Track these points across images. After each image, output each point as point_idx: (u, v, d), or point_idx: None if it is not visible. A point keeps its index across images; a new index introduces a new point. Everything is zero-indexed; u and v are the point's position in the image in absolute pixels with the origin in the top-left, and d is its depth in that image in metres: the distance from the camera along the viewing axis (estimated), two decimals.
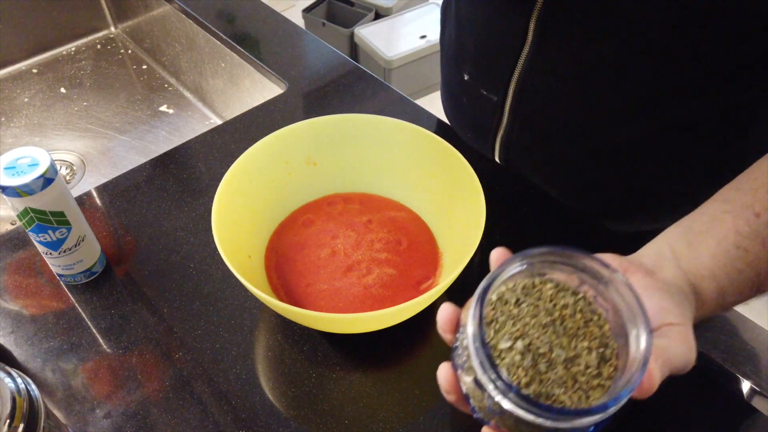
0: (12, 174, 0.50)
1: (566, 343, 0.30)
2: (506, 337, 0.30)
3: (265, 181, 0.61)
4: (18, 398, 0.39)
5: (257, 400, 0.52)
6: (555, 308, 0.31)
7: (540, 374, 0.30)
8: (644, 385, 0.30)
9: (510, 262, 0.31)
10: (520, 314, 0.31)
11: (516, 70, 0.60)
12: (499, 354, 0.30)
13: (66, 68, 1.13)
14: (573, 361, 0.30)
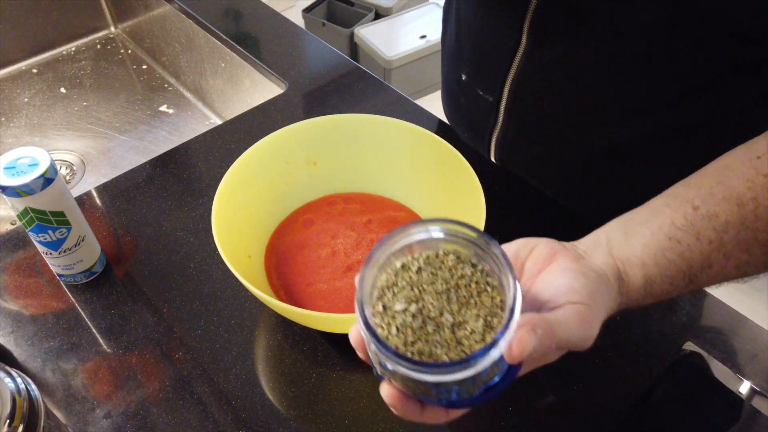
0: (12, 174, 0.50)
1: (456, 309, 0.33)
2: (402, 300, 0.33)
3: (265, 181, 0.61)
4: (18, 398, 0.39)
5: (257, 400, 0.52)
6: (452, 278, 0.34)
7: (427, 335, 0.32)
8: (512, 348, 0.31)
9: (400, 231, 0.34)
10: (419, 281, 0.34)
11: (511, 71, 0.60)
12: (393, 315, 0.33)
13: (66, 68, 1.13)
14: (460, 326, 0.32)
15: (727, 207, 0.41)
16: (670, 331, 0.56)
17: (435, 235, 0.34)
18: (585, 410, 0.52)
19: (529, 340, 0.32)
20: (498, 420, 0.51)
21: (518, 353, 0.32)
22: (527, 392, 0.53)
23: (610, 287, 0.39)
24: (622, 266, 0.40)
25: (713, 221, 0.41)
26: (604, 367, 0.54)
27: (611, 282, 0.39)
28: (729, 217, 0.40)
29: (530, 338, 0.32)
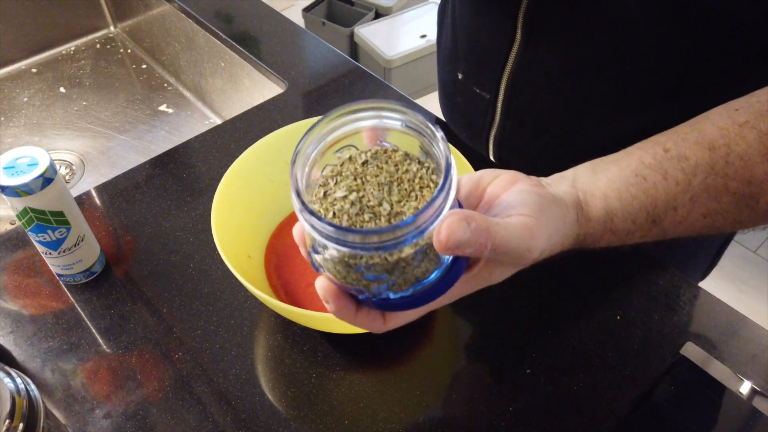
0: (11, 174, 0.50)
1: (396, 200, 0.32)
2: (344, 188, 0.33)
3: (265, 180, 0.61)
4: (17, 398, 0.39)
5: (257, 401, 0.52)
6: (397, 172, 0.33)
7: (362, 222, 0.32)
8: (440, 232, 0.30)
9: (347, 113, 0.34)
10: (363, 172, 0.34)
11: (506, 68, 0.60)
12: (332, 201, 0.33)
13: (65, 68, 1.13)
14: (396, 216, 0.32)
15: (698, 150, 0.40)
16: (670, 331, 0.56)
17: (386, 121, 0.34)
18: (585, 410, 0.52)
19: (458, 227, 0.30)
20: (498, 420, 0.51)
21: (444, 237, 0.30)
22: (527, 392, 0.53)
23: (566, 211, 0.38)
24: (582, 196, 0.40)
25: (682, 162, 0.40)
26: (604, 367, 0.54)
27: (568, 208, 0.38)
28: (699, 161, 0.40)
29: (460, 225, 0.31)
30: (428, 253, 0.32)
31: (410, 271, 0.32)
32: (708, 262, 0.78)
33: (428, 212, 0.29)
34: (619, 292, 0.60)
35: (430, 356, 0.56)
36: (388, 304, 0.34)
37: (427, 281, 0.33)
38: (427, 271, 0.32)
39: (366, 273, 0.31)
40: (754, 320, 0.57)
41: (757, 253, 1.75)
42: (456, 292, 0.36)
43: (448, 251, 0.31)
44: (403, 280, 0.32)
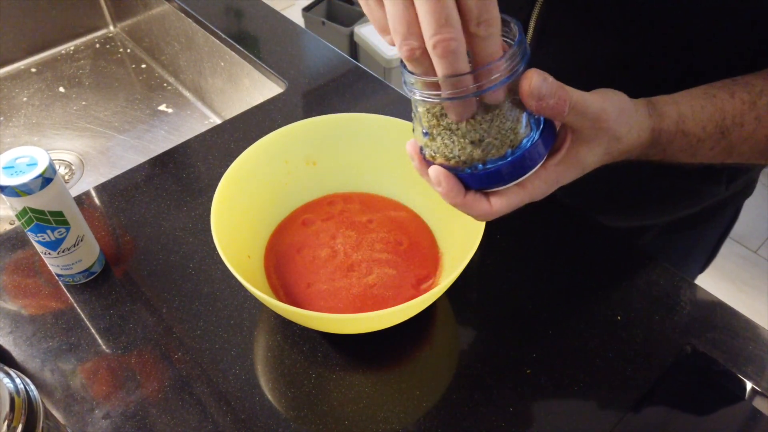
0: (11, 173, 0.50)
1: None
2: None
3: (264, 181, 0.61)
4: (17, 398, 0.38)
5: (257, 401, 0.52)
6: None
7: None
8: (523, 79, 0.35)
9: None
10: None
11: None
12: None
13: (65, 67, 1.12)
14: None
15: (762, 80, 0.44)
16: (670, 331, 0.56)
17: None
18: (585, 411, 0.52)
19: (537, 75, 0.35)
20: (498, 420, 0.51)
21: (527, 82, 0.35)
22: (527, 392, 0.53)
23: (635, 104, 0.43)
24: (652, 100, 0.43)
25: (749, 87, 0.44)
26: (605, 367, 0.54)
27: (637, 103, 0.42)
28: (764, 87, 0.44)
29: (539, 75, 0.35)
30: (519, 115, 0.37)
31: (504, 131, 0.37)
32: (706, 255, 0.78)
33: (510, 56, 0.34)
34: (619, 293, 0.60)
35: (430, 356, 0.56)
36: (490, 174, 0.38)
37: (520, 147, 0.38)
38: (519, 134, 0.37)
39: (470, 132, 0.37)
40: (754, 320, 0.57)
41: (757, 253, 1.75)
42: (552, 176, 0.40)
43: (532, 101, 0.35)
44: (500, 141, 0.37)
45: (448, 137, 0.38)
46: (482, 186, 0.39)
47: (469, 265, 0.50)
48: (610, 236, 0.64)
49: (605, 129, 0.39)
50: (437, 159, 0.39)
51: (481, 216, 0.40)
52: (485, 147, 0.37)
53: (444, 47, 0.33)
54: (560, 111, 0.37)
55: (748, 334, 0.56)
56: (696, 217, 0.68)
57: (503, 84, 0.35)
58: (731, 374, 0.54)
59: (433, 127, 0.38)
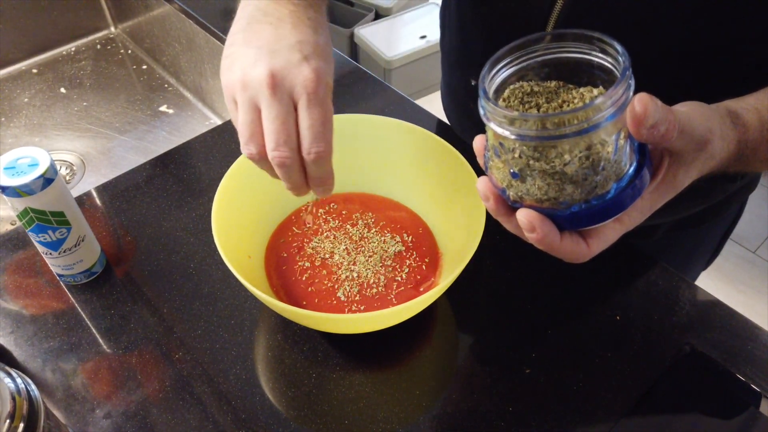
0: (12, 174, 0.50)
1: None
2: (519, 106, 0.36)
3: (265, 181, 0.61)
4: (18, 398, 0.39)
5: (257, 401, 0.52)
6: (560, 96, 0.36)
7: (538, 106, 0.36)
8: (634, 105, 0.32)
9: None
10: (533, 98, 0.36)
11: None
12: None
13: (66, 68, 1.13)
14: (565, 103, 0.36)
15: None
16: (669, 331, 0.57)
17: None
18: (585, 410, 0.52)
19: (650, 101, 0.32)
20: (498, 420, 0.51)
21: (641, 109, 0.32)
22: (527, 392, 0.53)
23: (722, 115, 0.40)
24: (733, 109, 0.41)
25: None
26: (605, 367, 0.54)
27: (722, 115, 0.40)
28: None
29: (651, 100, 0.32)
30: (623, 145, 0.33)
31: (609, 166, 0.33)
32: (711, 251, 0.78)
33: (619, 89, 0.31)
34: (618, 293, 0.60)
35: (430, 356, 0.56)
36: (591, 213, 0.35)
37: (623, 180, 0.34)
38: (623, 166, 0.34)
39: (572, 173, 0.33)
40: (754, 320, 0.58)
41: (756, 254, 1.75)
42: (647, 204, 0.37)
43: (644, 129, 0.32)
44: (604, 177, 0.33)
45: (542, 179, 0.33)
46: (580, 225, 0.36)
47: (469, 265, 0.50)
48: None
49: (708, 150, 0.37)
50: (525, 201, 0.35)
51: (576, 259, 0.37)
52: (587, 186, 0.33)
53: (279, 162, 0.41)
54: (670, 138, 0.34)
55: (747, 334, 0.56)
56: (704, 213, 0.68)
57: (612, 119, 0.31)
58: (730, 374, 0.54)
59: (524, 166, 0.34)
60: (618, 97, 0.31)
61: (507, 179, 0.35)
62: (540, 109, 0.35)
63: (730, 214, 0.73)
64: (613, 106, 0.31)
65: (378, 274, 0.59)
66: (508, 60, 0.36)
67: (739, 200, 0.71)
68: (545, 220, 0.35)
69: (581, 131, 0.31)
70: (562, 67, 0.36)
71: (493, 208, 0.37)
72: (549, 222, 0.35)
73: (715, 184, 0.65)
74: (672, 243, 0.72)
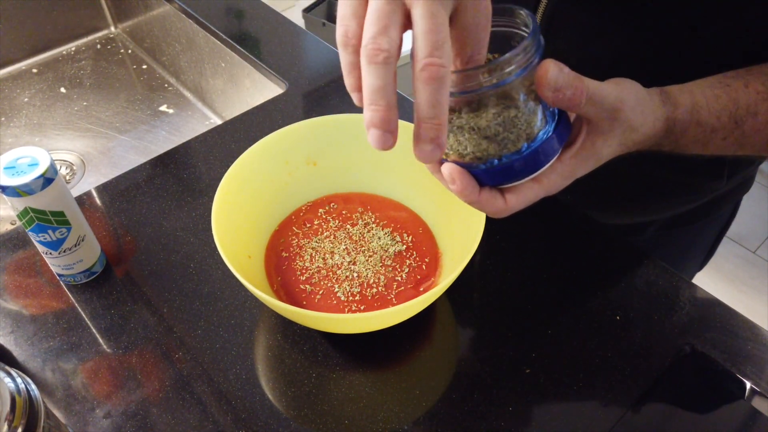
0: (12, 174, 0.50)
1: None
2: None
3: (265, 181, 0.61)
4: (18, 398, 0.39)
5: (257, 400, 0.52)
6: None
7: None
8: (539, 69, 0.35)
9: None
10: None
11: None
12: None
13: (66, 68, 1.13)
14: None
15: None
16: (669, 332, 0.57)
17: None
18: (584, 410, 0.52)
19: (553, 66, 0.34)
20: (498, 420, 0.51)
21: (543, 71, 0.34)
22: (527, 392, 0.53)
23: (650, 93, 0.41)
24: (666, 89, 0.42)
25: (763, 77, 0.44)
26: (604, 367, 0.54)
27: (651, 93, 0.41)
28: None
29: (554, 65, 0.34)
30: (535, 108, 0.36)
31: (520, 125, 0.36)
32: (705, 251, 0.78)
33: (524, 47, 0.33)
34: (618, 292, 0.60)
35: (430, 356, 0.56)
36: (505, 169, 0.37)
37: (536, 141, 0.36)
38: (535, 127, 0.36)
39: (484, 127, 0.35)
40: (754, 320, 0.58)
41: (756, 254, 1.75)
42: (567, 168, 0.39)
43: (548, 91, 0.34)
44: (516, 135, 0.36)
45: (461, 134, 0.37)
46: (497, 182, 0.39)
47: (469, 265, 0.50)
48: (610, 236, 0.65)
49: (622, 119, 0.39)
50: (450, 156, 0.38)
51: (496, 213, 0.40)
52: (500, 142, 0.36)
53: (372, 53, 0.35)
54: (577, 102, 0.36)
55: (747, 333, 0.56)
56: (695, 212, 0.68)
57: (518, 76, 0.34)
58: (730, 374, 0.54)
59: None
60: (524, 56, 0.34)
61: None
62: None
63: (723, 214, 0.73)
64: (519, 64, 0.34)
65: (378, 274, 0.59)
66: None
67: (732, 200, 0.71)
68: (465, 174, 0.38)
69: (490, 86, 0.34)
70: (497, 41, 0.38)
71: (428, 166, 0.41)
72: (468, 175, 0.38)
73: (703, 180, 0.64)
74: (665, 242, 0.72)
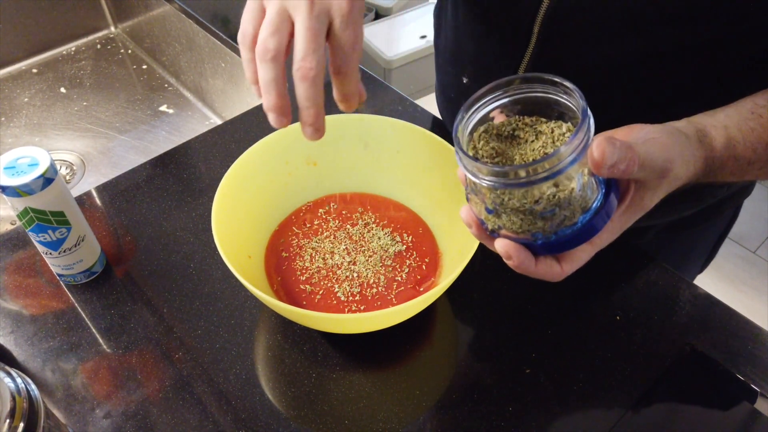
0: (12, 174, 0.50)
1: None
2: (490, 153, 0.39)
3: (265, 181, 0.61)
4: (18, 398, 0.39)
5: (257, 400, 0.52)
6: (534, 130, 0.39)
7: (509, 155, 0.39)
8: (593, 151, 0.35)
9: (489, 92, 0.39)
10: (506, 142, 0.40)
11: (519, 72, 0.60)
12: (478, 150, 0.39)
13: (66, 68, 1.13)
14: None
15: None
16: (669, 332, 0.57)
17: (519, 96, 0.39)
18: (585, 410, 0.52)
19: (607, 144, 0.34)
20: (498, 420, 0.51)
21: (598, 154, 0.34)
22: (527, 392, 0.53)
23: (688, 137, 0.41)
24: (701, 127, 0.42)
25: None
26: (604, 367, 0.54)
27: (689, 135, 0.41)
28: None
29: (608, 143, 0.35)
30: (587, 181, 0.36)
31: (575, 201, 0.36)
32: (706, 255, 0.78)
33: (579, 135, 0.34)
34: (619, 293, 0.60)
35: (430, 356, 0.56)
36: (562, 242, 0.37)
37: (590, 211, 0.37)
38: (589, 199, 0.37)
39: (541, 211, 0.36)
40: (754, 320, 0.58)
41: (756, 254, 1.75)
42: (617, 225, 0.40)
43: (604, 168, 0.35)
44: (571, 211, 0.36)
45: (515, 215, 0.37)
46: (553, 252, 0.39)
47: (469, 265, 0.50)
48: None
49: (670, 177, 0.39)
50: (502, 231, 0.38)
51: (552, 279, 0.40)
52: (557, 219, 0.36)
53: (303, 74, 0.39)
54: (630, 172, 0.36)
55: (747, 334, 0.56)
56: (696, 216, 0.68)
57: (574, 164, 0.34)
58: (730, 374, 0.54)
59: (498, 205, 0.37)
60: (578, 144, 0.34)
61: (484, 213, 0.39)
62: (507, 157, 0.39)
63: (724, 218, 0.73)
64: (575, 152, 0.34)
65: (378, 274, 0.59)
66: (482, 102, 0.39)
67: (734, 204, 0.71)
68: (520, 249, 0.38)
69: (547, 177, 0.34)
70: (533, 104, 0.39)
71: (476, 234, 0.40)
72: (524, 250, 0.38)
73: (704, 188, 0.65)
74: (666, 245, 0.72)
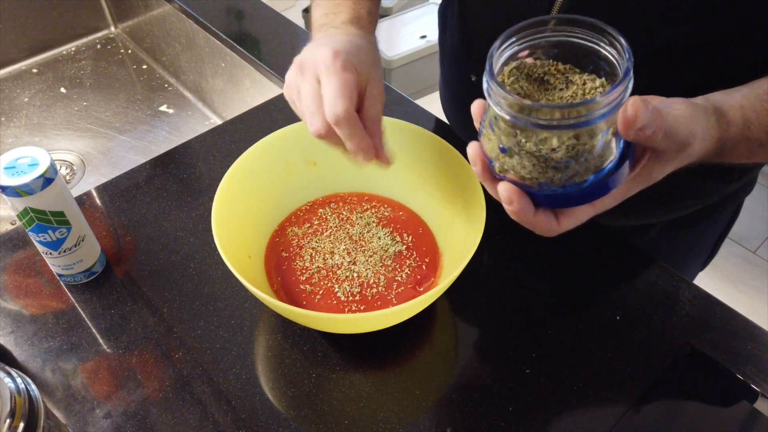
0: (12, 174, 0.50)
1: None
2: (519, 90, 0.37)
3: (265, 181, 0.61)
4: (18, 398, 0.39)
5: (257, 400, 0.52)
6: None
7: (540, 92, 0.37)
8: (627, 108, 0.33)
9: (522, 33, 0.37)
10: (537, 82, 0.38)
11: None
12: None
13: (66, 68, 1.13)
14: None
15: None
16: (669, 332, 0.57)
17: None
18: (585, 410, 0.52)
19: (642, 106, 0.33)
20: (498, 420, 0.51)
21: (632, 114, 0.33)
22: (527, 392, 0.53)
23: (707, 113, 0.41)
24: (719, 105, 0.42)
25: None
26: (604, 367, 0.54)
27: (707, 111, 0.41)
28: None
29: (643, 104, 0.33)
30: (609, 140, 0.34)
31: (591, 158, 0.34)
32: (707, 252, 0.78)
33: (619, 89, 0.32)
34: (618, 293, 0.60)
35: (430, 356, 0.56)
36: (567, 197, 0.36)
37: (603, 172, 0.35)
38: (605, 160, 0.35)
39: (557, 160, 0.34)
40: (753, 320, 0.58)
41: (756, 254, 1.75)
42: (621, 192, 0.39)
43: (632, 131, 0.34)
44: (584, 168, 0.34)
45: (528, 159, 0.35)
46: (555, 206, 0.38)
47: (469, 265, 0.50)
48: (610, 236, 0.65)
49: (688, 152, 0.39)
50: (508, 174, 0.37)
51: (547, 233, 0.39)
52: (567, 172, 0.35)
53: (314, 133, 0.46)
54: (655, 139, 0.35)
55: (747, 334, 0.56)
56: (699, 214, 0.68)
57: (605, 118, 0.32)
58: (730, 374, 0.54)
59: (514, 145, 0.35)
60: (615, 98, 0.32)
61: (496, 152, 0.37)
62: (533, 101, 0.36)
63: (726, 215, 0.73)
64: (609, 105, 0.32)
65: (378, 274, 0.59)
66: (520, 36, 0.38)
67: (735, 202, 0.71)
68: (523, 196, 0.37)
69: (574, 125, 0.33)
70: (570, 51, 0.37)
71: (479, 173, 0.40)
72: (526, 198, 0.37)
73: (710, 186, 0.65)
74: (667, 243, 0.72)
